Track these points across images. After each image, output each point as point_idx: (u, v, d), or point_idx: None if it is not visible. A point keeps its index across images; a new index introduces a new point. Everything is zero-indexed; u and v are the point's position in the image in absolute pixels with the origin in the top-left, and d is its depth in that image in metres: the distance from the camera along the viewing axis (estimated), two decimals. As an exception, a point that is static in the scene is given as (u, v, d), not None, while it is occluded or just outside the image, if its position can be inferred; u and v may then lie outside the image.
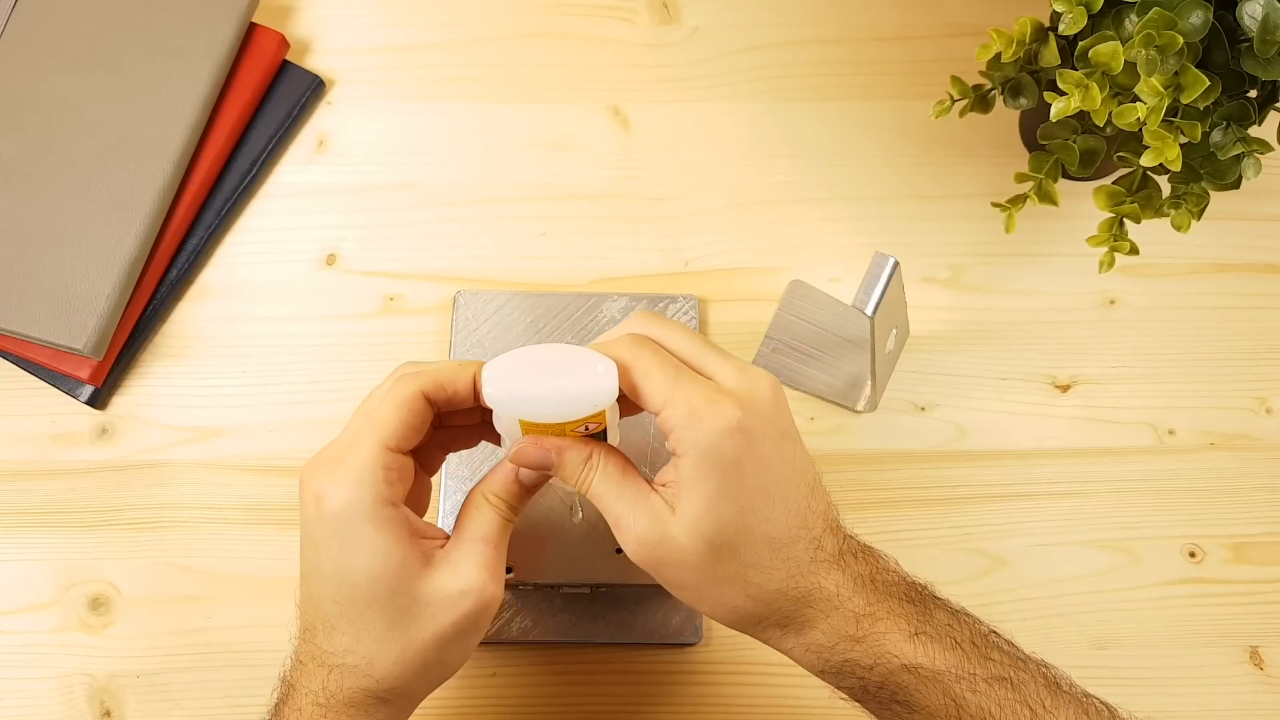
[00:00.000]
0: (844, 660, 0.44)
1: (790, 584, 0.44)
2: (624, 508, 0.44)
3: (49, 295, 0.61)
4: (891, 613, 0.44)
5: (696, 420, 0.42)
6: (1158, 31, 0.49)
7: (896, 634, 0.44)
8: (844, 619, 0.44)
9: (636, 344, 0.44)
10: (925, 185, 0.69)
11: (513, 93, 0.72)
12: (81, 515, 0.62)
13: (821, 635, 0.44)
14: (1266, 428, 0.65)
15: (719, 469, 0.42)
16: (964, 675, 0.43)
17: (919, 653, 0.43)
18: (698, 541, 0.43)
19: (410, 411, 0.44)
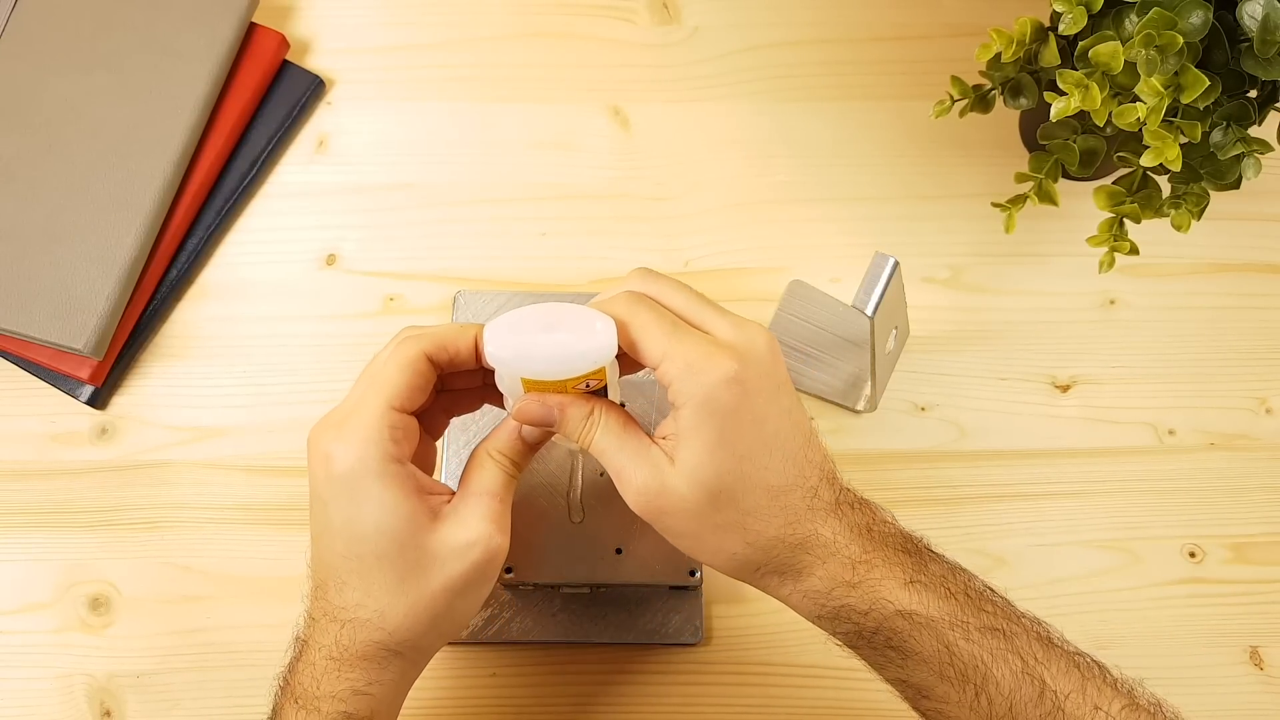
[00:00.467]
0: (840, 605, 0.45)
1: (787, 531, 0.44)
2: (625, 460, 0.45)
3: (49, 295, 0.61)
4: (887, 561, 0.45)
5: (694, 372, 0.43)
6: (1158, 31, 0.49)
7: (891, 581, 0.44)
8: (840, 565, 0.44)
9: (634, 301, 0.45)
10: (925, 185, 0.69)
11: (513, 93, 0.72)
12: (81, 515, 0.62)
13: (818, 581, 0.45)
14: (1266, 428, 0.65)
15: (716, 419, 0.43)
16: (957, 623, 0.44)
17: (913, 600, 0.44)
18: (697, 490, 0.44)
19: (413, 372, 0.45)
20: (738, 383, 0.43)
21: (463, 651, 0.60)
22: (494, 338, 0.44)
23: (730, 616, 0.61)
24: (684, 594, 0.60)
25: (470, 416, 0.62)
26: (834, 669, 0.60)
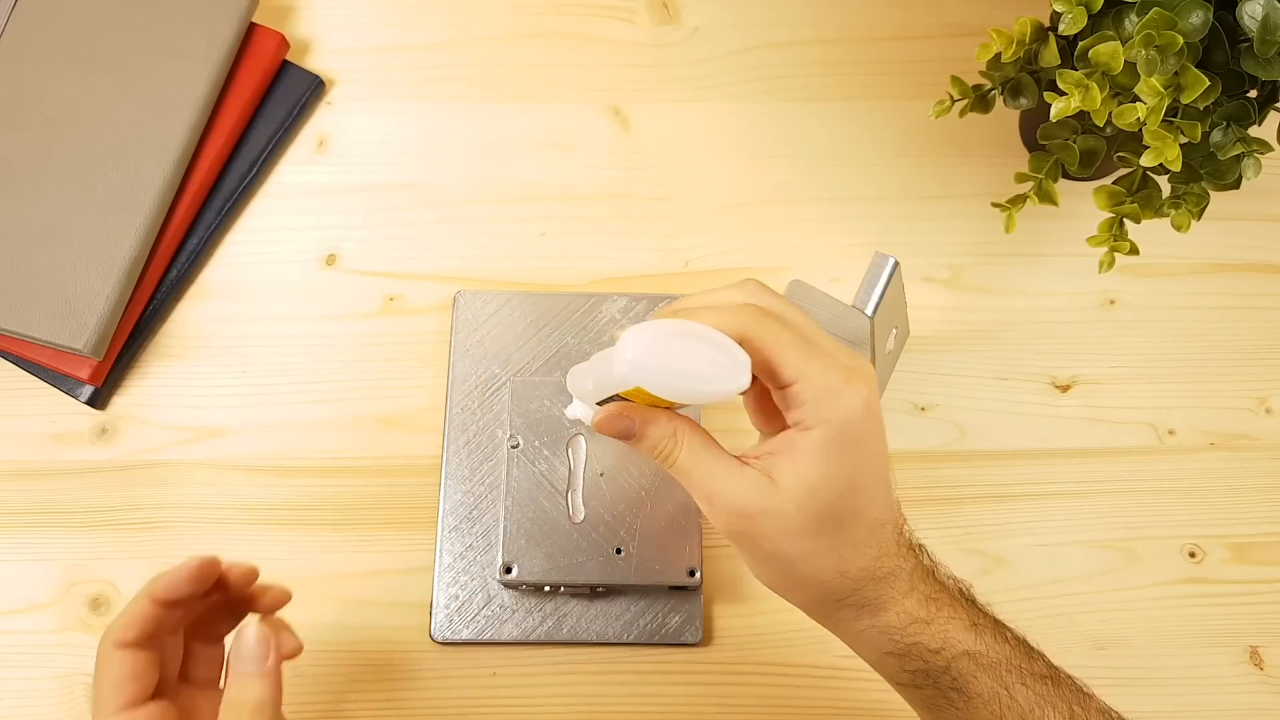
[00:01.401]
0: (913, 643, 0.45)
1: (875, 564, 0.45)
2: (717, 481, 0.44)
3: (49, 295, 0.61)
4: (953, 602, 0.46)
5: (833, 396, 0.43)
6: (1158, 31, 0.49)
7: (958, 622, 0.45)
8: (916, 602, 0.45)
9: (764, 317, 0.44)
10: (925, 185, 0.69)
11: (513, 93, 0.72)
12: (81, 515, 0.62)
13: (894, 617, 0.45)
14: (1266, 428, 0.65)
15: (847, 445, 0.43)
16: (1013, 668, 0.45)
17: (978, 642, 0.45)
18: (806, 513, 0.43)
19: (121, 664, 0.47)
20: (870, 412, 0.43)
21: (463, 651, 0.60)
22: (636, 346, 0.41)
23: (730, 616, 0.61)
24: (684, 594, 0.60)
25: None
26: (834, 669, 0.60)
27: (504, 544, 0.57)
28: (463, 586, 0.60)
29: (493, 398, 0.63)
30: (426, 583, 0.60)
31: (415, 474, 0.63)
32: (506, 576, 0.57)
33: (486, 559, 0.60)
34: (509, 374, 0.63)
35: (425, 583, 0.60)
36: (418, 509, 0.62)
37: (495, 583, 0.60)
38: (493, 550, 0.60)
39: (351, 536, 0.62)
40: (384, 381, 0.65)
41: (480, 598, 0.59)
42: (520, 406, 0.60)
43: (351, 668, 0.59)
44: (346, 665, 0.59)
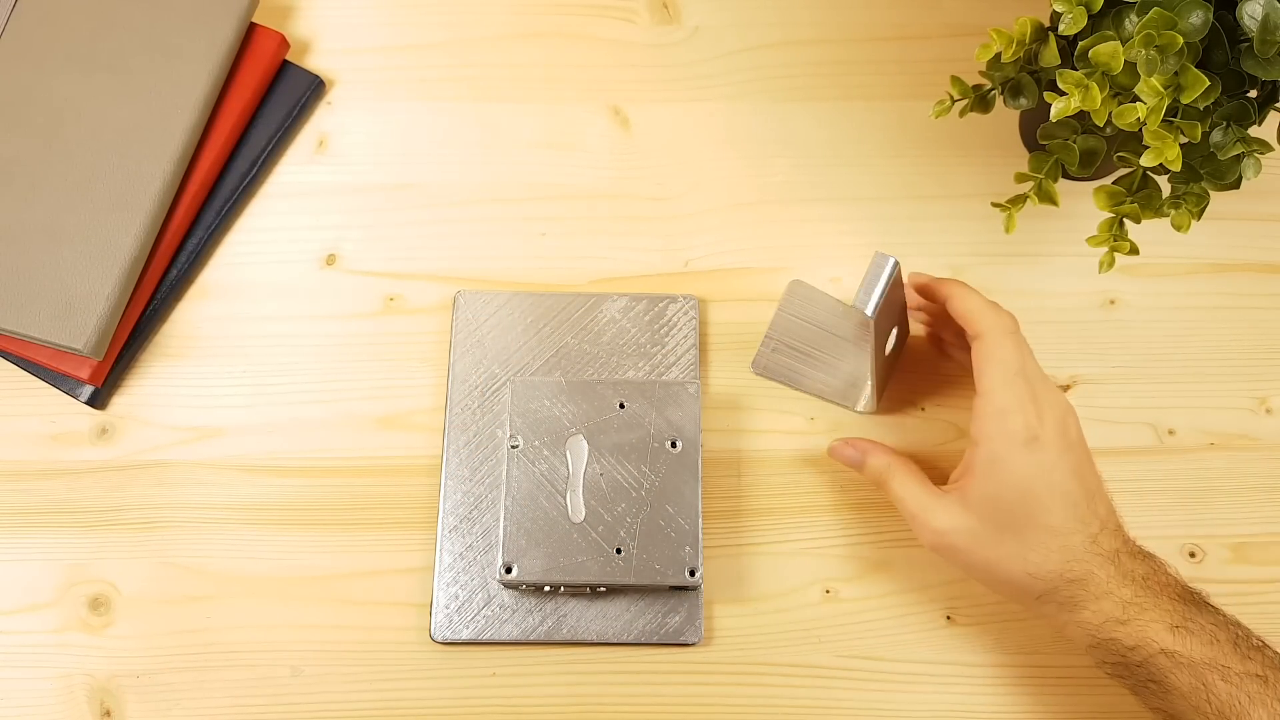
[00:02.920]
0: (1109, 638, 0.51)
1: (1066, 567, 0.52)
2: (917, 506, 0.55)
3: (49, 295, 0.61)
4: (1158, 607, 0.51)
5: (1002, 417, 0.53)
6: (1158, 31, 0.49)
7: (1159, 624, 0.50)
8: (1112, 604, 0.51)
9: (1007, 335, 0.56)
10: (925, 185, 0.69)
11: (513, 93, 0.72)
12: (81, 515, 0.62)
13: (1090, 615, 0.52)
14: (1266, 428, 0.65)
15: (1011, 462, 0.53)
16: (1217, 667, 0.49)
17: (1178, 642, 0.50)
18: (988, 525, 0.53)
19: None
20: (1033, 432, 0.53)
21: (463, 651, 0.60)
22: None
23: (730, 616, 0.61)
24: (684, 594, 0.60)
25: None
26: (834, 669, 0.60)
27: (504, 544, 0.57)
28: (463, 586, 0.60)
29: (493, 398, 0.63)
30: (426, 583, 0.60)
31: (415, 474, 0.63)
32: (506, 576, 0.57)
33: (486, 559, 0.60)
34: (509, 374, 0.63)
35: (425, 583, 0.60)
36: (418, 509, 0.62)
37: (495, 583, 0.60)
38: (493, 550, 0.60)
39: (351, 536, 0.62)
40: (384, 381, 0.65)
41: (480, 598, 0.59)
42: (520, 406, 0.60)
43: (351, 668, 0.59)
44: (346, 665, 0.59)
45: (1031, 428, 0.53)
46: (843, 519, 0.62)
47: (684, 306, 0.66)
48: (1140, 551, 0.53)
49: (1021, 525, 0.52)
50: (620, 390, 0.60)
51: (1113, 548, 0.52)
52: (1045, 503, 0.52)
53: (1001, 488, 0.53)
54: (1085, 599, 0.51)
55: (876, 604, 0.61)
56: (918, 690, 0.59)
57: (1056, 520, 0.52)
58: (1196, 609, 0.51)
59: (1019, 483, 0.52)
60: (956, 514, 0.53)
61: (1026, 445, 0.52)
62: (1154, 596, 0.51)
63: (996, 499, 0.53)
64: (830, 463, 0.63)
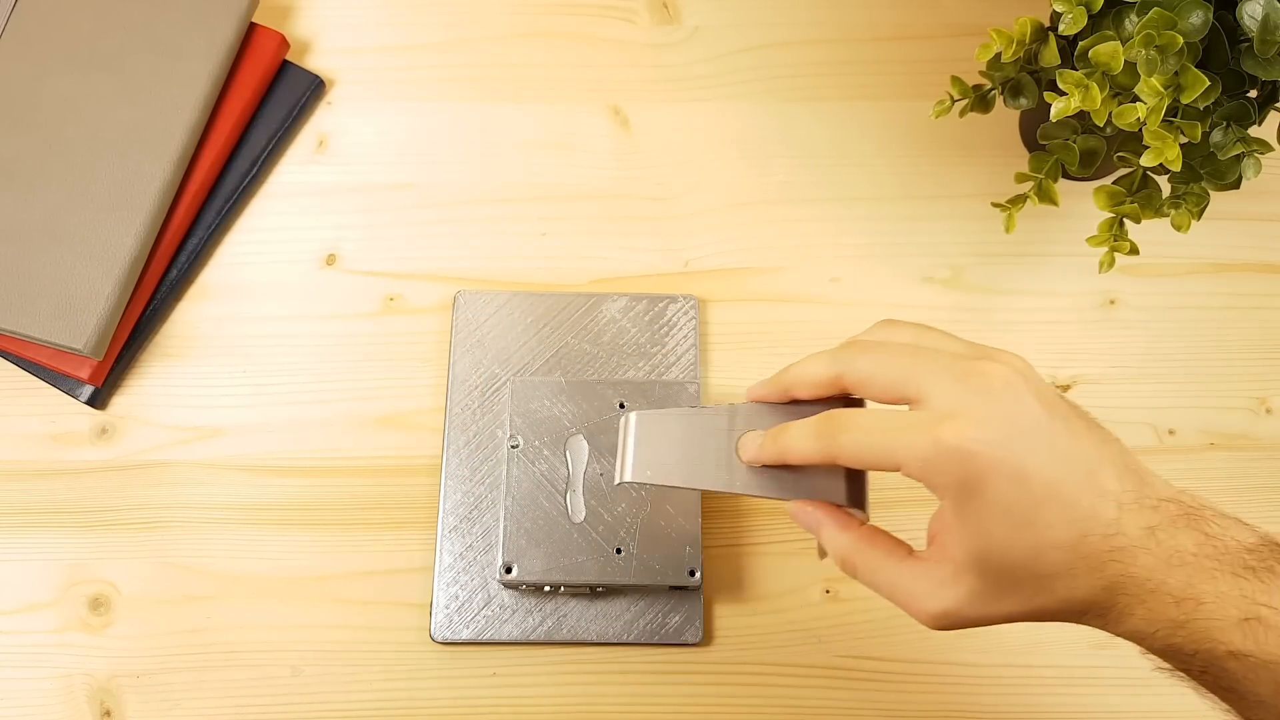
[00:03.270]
0: (1166, 646, 0.41)
1: (1094, 579, 0.40)
2: (902, 592, 0.43)
3: (49, 295, 0.61)
4: (1218, 594, 0.39)
5: (928, 466, 0.41)
6: (1158, 31, 0.49)
7: (1222, 619, 0.39)
8: (1161, 603, 0.40)
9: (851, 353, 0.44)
10: (925, 185, 0.69)
11: (513, 93, 0.72)
12: (81, 515, 0.62)
13: (1140, 622, 0.40)
14: (1266, 428, 0.65)
15: (971, 503, 0.40)
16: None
17: (1247, 640, 0.39)
18: (989, 581, 0.41)
19: None
20: (970, 456, 0.40)
21: (463, 651, 0.60)
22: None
23: (730, 616, 0.61)
24: (684, 594, 0.60)
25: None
26: (835, 669, 0.60)
27: (504, 544, 0.57)
28: (463, 586, 0.60)
29: (493, 398, 0.63)
30: (426, 583, 0.60)
31: (415, 474, 0.63)
32: (506, 576, 0.57)
33: (486, 559, 0.60)
34: (509, 374, 0.63)
35: (425, 583, 0.60)
36: (418, 509, 0.62)
37: (495, 583, 0.60)
38: (493, 550, 0.60)
39: (351, 536, 0.62)
40: (384, 381, 0.65)
41: (480, 598, 0.59)
42: (520, 406, 0.60)
43: (351, 668, 0.59)
44: (346, 665, 0.59)
45: (963, 454, 0.40)
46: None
47: (684, 306, 0.66)
48: (1183, 510, 0.41)
49: (1027, 559, 0.41)
50: (620, 390, 0.60)
51: (1143, 526, 0.40)
52: (1038, 519, 0.40)
53: (985, 535, 0.41)
54: (1129, 605, 0.40)
55: (876, 604, 0.60)
56: (918, 690, 0.60)
57: (1059, 531, 0.40)
58: (1270, 578, 0.39)
59: (1001, 518, 0.41)
60: (949, 586, 0.42)
61: (973, 474, 0.40)
62: (1211, 580, 0.39)
63: (987, 549, 0.41)
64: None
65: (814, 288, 0.67)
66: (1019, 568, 0.41)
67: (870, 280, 0.67)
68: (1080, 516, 0.40)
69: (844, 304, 0.67)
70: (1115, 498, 0.41)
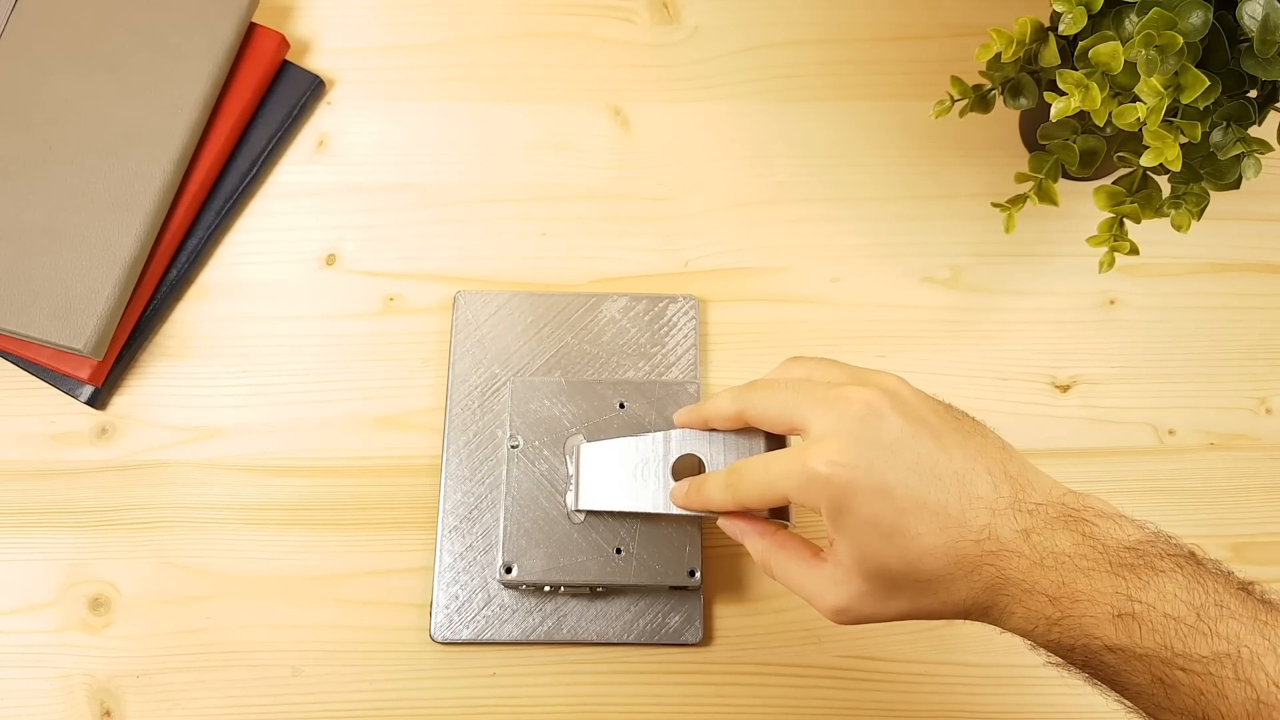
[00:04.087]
0: (1048, 641, 0.43)
1: (973, 579, 0.43)
2: (809, 588, 0.47)
3: (49, 295, 0.61)
4: (1093, 591, 0.41)
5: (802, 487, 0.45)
6: (1158, 31, 0.49)
7: (1097, 615, 0.41)
8: (1038, 602, 0.42)
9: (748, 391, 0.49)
10: (925, 185, 0.69)
11: (513, 93, 0.72)
12: (81, 515, 0.62)
13: (1020, 620, 0.43)
14: (1266, 428, 0.65)
15: (843, 517, 0.44)
16: (1175, 656, 0.40)
17: (1120, 634, 0.40)
18: (875, 585, 0.44)
19: None
20: (830, 478, 0.43)
21: (463, 651, 0.60)
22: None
23: (730, 616, 0.61)
24: (684, 594, 0.60)
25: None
26: (834, 669, 0.60)
27: (504, 544, 0.57)
28: (463, 586, 0.60)
29: (493, 398, 0.63)
30: (426, 583, 0.60)
31: (415, 474, 0.63)
32: (506, 576, 0.57)
33: (486, 559, 0.60)
34: (509, 374, 0.63)
35: (425, 583, 0.60)
36: (418, 509, 0.62)
37: (495, 583, 0.60)
38: (493, 550, 0.60)
39: (351, 536, 0.62)
40: (384, 381, 0.65)
41: (480, 598, 0.59)
42: (520, 406, 0.60)
43: (351, 668, 0.59)
44: (346, 665, 0.59)
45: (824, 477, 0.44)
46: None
47: (684, 306, 0.66)
48: (1062, 514, 0.43)
49: (902, 567, 0.43)
50: (620, 390, 0.60)
51: (1017, 529, 0.42)
52: (907, 528, 0.43)
53: (859, 546, 0.44)
54: (1008, 604, 0.43)
55: (876, 604, 0.61)
56: (918, 690, 0.60)
57: (929, 540, 0.43)
58: (1148, 574, 0.41)
59: (869, 530, 0.43)
60: (843, 584, 0.45)
61: (840, 492, 0.43)
62: (1087, 577, 0.41)
63: (863, 557, 0.44)
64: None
65: (814, 288, 0.67)
66: (897, 574, 0.44)
67: (870, 280, 0.67)
68: (950, 524, 0.43)
69: (844, 304, 0.67)
70: (988, 504, 0.43)
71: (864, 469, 0.43)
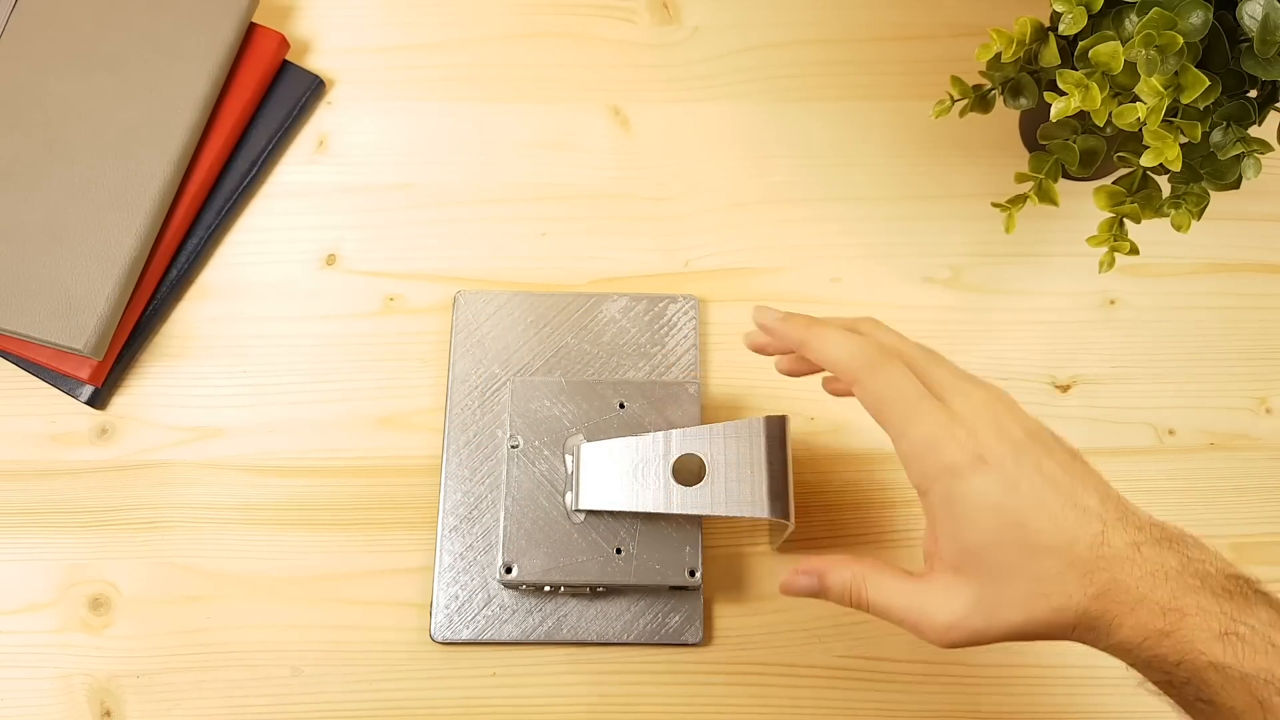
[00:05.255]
0: (1153, 656, 0.43)
1: (1085, 584, 0.43)
2: (914, 612, 0.45)
3: (49, 295, 0.61)
4: (1200, 608, 0.42)
5: (931, 453, 0.44)
6: (1158, 31, 0.49)
7: (1204, 631, 0.42)
8: (1149, 613, 0.42)
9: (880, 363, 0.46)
10: (925, 185, 0.69)
11: (513, 93, 0.72)
12: (81, 515, 0.62)
13: (1129, 632, 0.43)
14: (1266, 428, 0.65)
15: (968, 497, 0.43)
16: (1274, 679, 0.41)
17: (1227, 653, 0.41)
18: (989, 586, 0.44)
19: None
20: (973, 453, 0.44)
21: (463, 651, 0.60)
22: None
23: (730, 616, 0.61)
24: (684, 594, 0.60)
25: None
26: (834, 669, 0.60)
27: (504, 544, 0.57)
28: (463, 586, 0.60)
29: (493, 398, 0.63)
30: (426, 583, 0.60)
31: (415, 474, 0.63)
32: (506, 576, 0.57)
33: (486, 559, 0.60)
34: (509, 374, 0.63)
35: (425, 583, 0.60)
36: (418, 509, 0.62)
37: (495, 583, 0.60)
38: (493, 550, 0.60)
39: (351, 536, 0.62)
40: (384, 381, 0.65)
41: (480, 598, 0.59)
42: (520, 406, 0.60)
43: (351, 668, 0.59)
44: (346, 665, 0.59)
45: (968, 447, 0.44)
46: (843, 518, 0.62)
47: (684, 306, 0.66)
48: (1165, 535, 0.44)
49: (1019, 562, 0.43)
50: (620, 390, 0.60)
51: (1128, 541, 0.43)
52: (1028, 523, 0.43)
53: (975, 530, 0.44)
54: (1118, 614, 0.42)
55: (876, 604, 0.61)
56: (918, 690, 0.60)
57: (1047, 537, 0.43)
58: (1246, 604, 0.42)
59: (990, 516, 0.43)
60: (953, 592, 0.44)
61: (974, 469, 0.44)
62: (1194, 595, 0.42)
63: (979, 547, 0.44)
64: (830, 462, 0.63)
65: (814, 288, 0.67)
66: (1012, 570, 0.43)
67: (870, 280, 0.67)
68: (1067, 525, 0.43)
69: (844, 304, 0.67)
70: (1099, 515, 0.44)
71: (996, 456, 0.44)
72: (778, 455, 0.56)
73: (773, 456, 0.56)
